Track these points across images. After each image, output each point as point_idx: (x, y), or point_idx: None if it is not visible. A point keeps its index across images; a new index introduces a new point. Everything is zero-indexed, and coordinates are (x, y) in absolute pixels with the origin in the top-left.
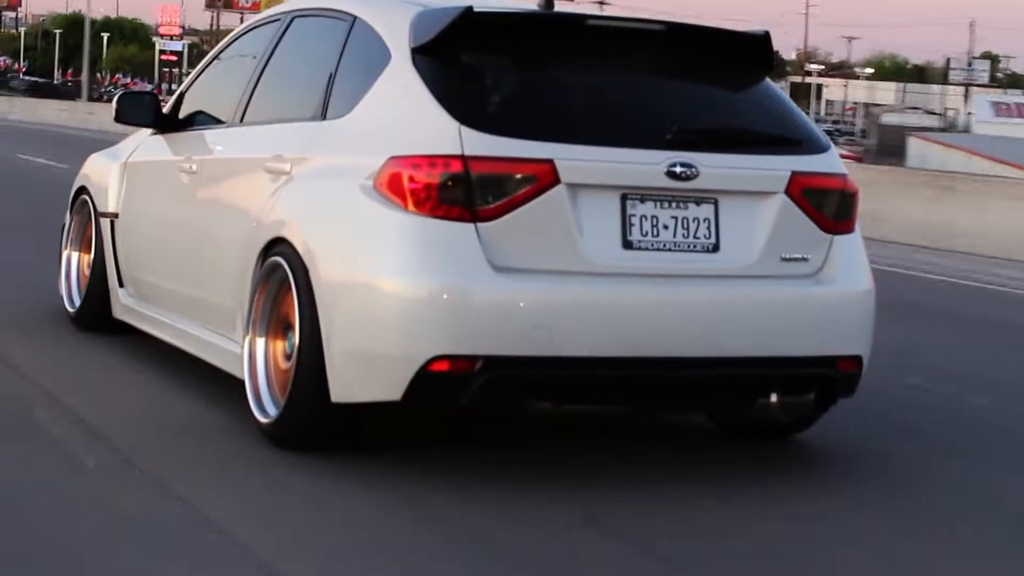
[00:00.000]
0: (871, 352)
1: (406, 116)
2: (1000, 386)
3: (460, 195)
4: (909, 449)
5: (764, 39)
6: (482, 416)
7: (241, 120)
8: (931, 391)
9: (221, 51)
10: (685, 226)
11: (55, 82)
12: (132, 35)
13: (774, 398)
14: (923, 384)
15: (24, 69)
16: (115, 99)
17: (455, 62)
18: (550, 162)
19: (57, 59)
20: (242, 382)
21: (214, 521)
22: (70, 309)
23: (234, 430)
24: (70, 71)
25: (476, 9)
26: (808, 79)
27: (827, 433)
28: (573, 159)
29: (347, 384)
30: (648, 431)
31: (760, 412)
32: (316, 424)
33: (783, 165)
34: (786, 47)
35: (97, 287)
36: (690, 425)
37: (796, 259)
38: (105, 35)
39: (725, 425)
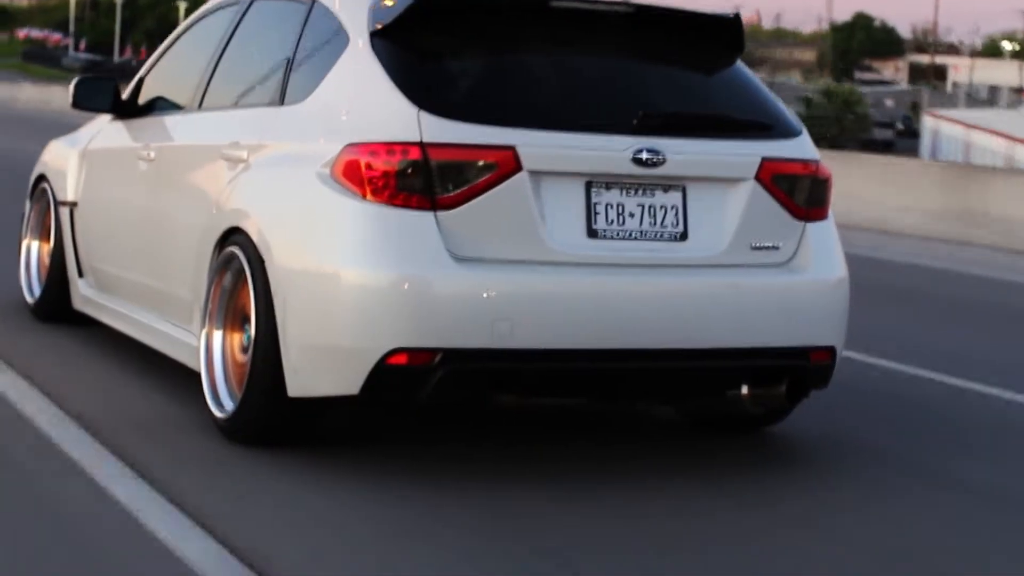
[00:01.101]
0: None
1: (364, 101)
2: None
3: (419, 183)
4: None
5: (734, 21)
6: (453, 411)
7: (199, 106)
8: None
9: (181, 34)
10: (652, 214)
11: (115, 60)
12: None
13: (744, 390)
14: None
15: (85, 46)
16: (72, 84)
17: (415, 46)
18: (512, 148)
19: (118, 33)
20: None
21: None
22: (30, 300)
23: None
24: (128, 47)
25: None
26: (933, 58)
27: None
28: (536, 145)
29: (304, 378)
30: (615, 423)
31: (730, 404)
32: (273, 419)
33: (753, 150)
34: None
35: (56, 278)
36: (658, 417)
37: (767, 247)
38: (183, 4)
39: (694, 418)
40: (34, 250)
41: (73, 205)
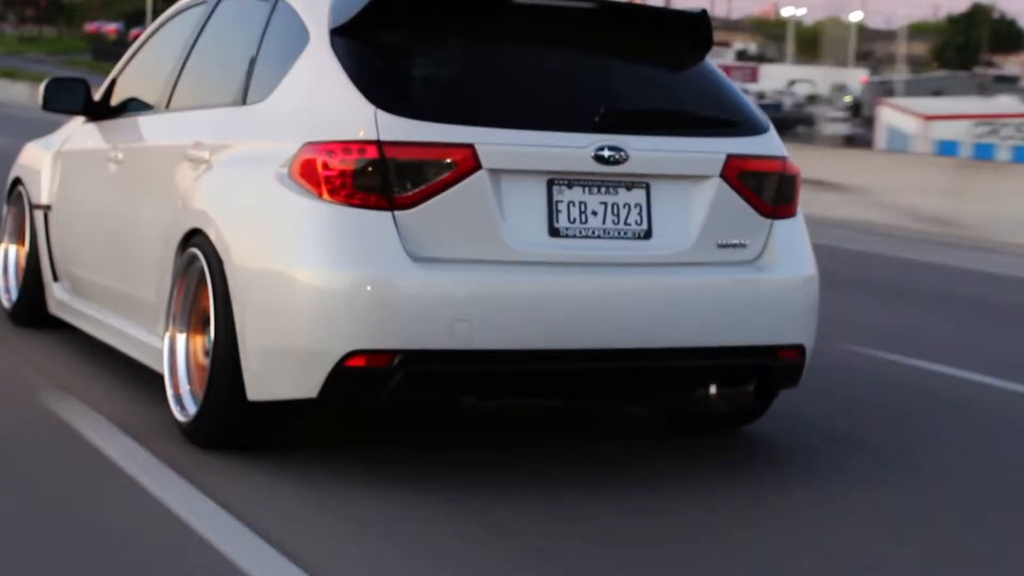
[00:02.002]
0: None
1: (322, 100)
2: None
3: (376, 182)
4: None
5: (701, 17)
6: (421, 413)
7: (167, 106)
8: None
9: (152, 34)
10: (615, 212)
11: None
12: None
13: (712, 389)
14: None
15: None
16: (42, 85)
17: (374, 44)
18: (470, 147)
19: None
20: None
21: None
22: (7, 304)
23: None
24: None
25: None
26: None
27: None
28: (495, 143)
29: (263, 381)
30: (586, 421)
31: (699, 404)
32: (233, 423)
33: (718, 148)
34: None
35: (32, 282)
36: (636, 416)
37: (733, 245)
38: None
39: (668, 417)
40: (11, 254)
41: (47, 208)
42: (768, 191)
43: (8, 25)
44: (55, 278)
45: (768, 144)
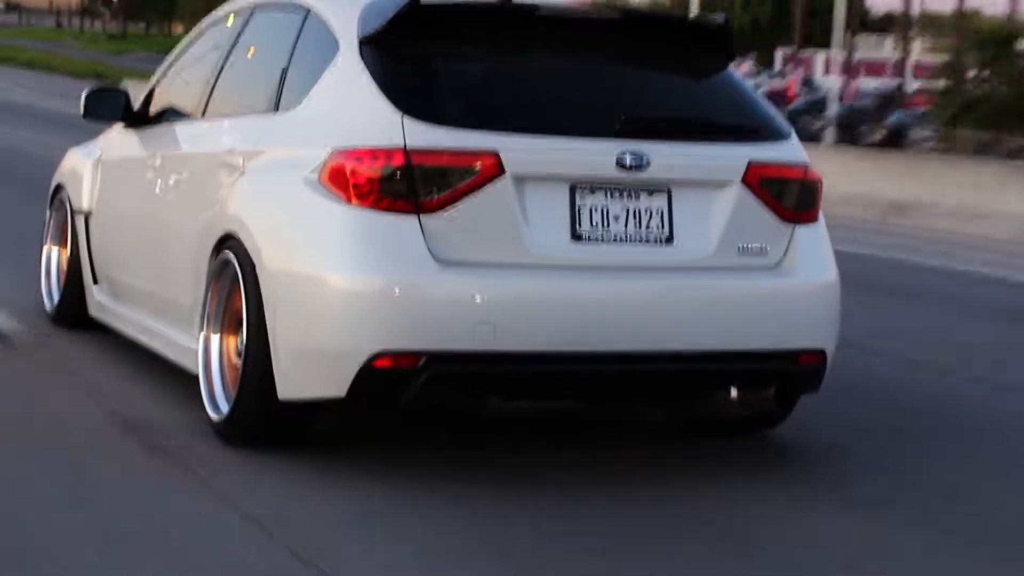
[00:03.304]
0: None
1: (351, 108)
2: None
3: (403, 188)
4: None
5: (723, 27)
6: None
7: (203, 114)
8: None
9: (189, 43)
10: (637, 217)
11: None
12: None
13: (733, 393)
14: None
15: None
16: (83, 95)
17: (401, 53)
18: (494, 153)
19: None
20: None
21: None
22: (49, 307)
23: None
24: None
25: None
26: None
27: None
28: (519, 150)
29: (293, 381)
30: (611, 426)
31: (719, 408)
32: (265, 422)
33: (739, 154)
34: None
35: (74, 285)
36: (649, 421)
37: (754, 250)
38: None
39: (686, 421)
40: (54, 258)
41: (88, 213)
42: (789, 197)
43: (91, 21)
44: (95, 281)
45: (790, 150)
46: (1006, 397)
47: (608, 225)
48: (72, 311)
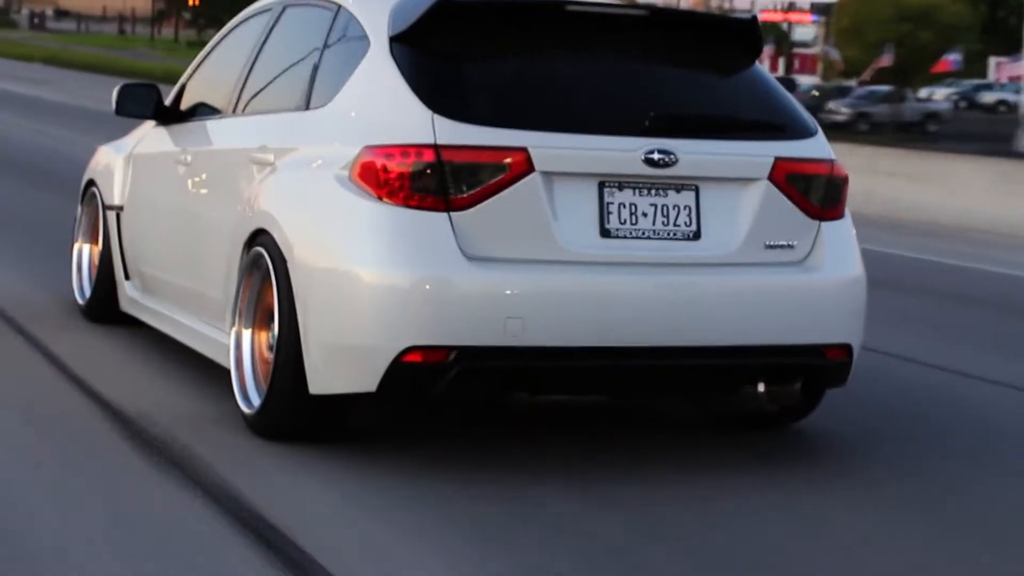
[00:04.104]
0: None
1: (381, 105)
2: None
3: (433, 184)
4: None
5: (751, 24)
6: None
7: (234, 111)
8: None
9: (220, 40)
10: (665, 213)
11: None
12: None
13: (760, 387)
14: None
15: None
16: (115, 91)
17: (431, 50)
18: (524, 150)
19: None
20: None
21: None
22: (80, 301)
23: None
24: None
25: None
26: None
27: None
28: (548, 147)
29: (324, 375)
30: (635, 418)
31: (746, 402)
32: (296, 415)
33: (766, 151)
34: None
35: (105, 280)
36: (681, 414)
37: (781, 246)
38: None
39: (714, 415)
40: (84, 253)
41: (119, 209)
42: (816, 193)
43: (165, 27)
44: (127, 276)
45: (816, 147)
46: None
47: (636, 221)
48: (103, 306)
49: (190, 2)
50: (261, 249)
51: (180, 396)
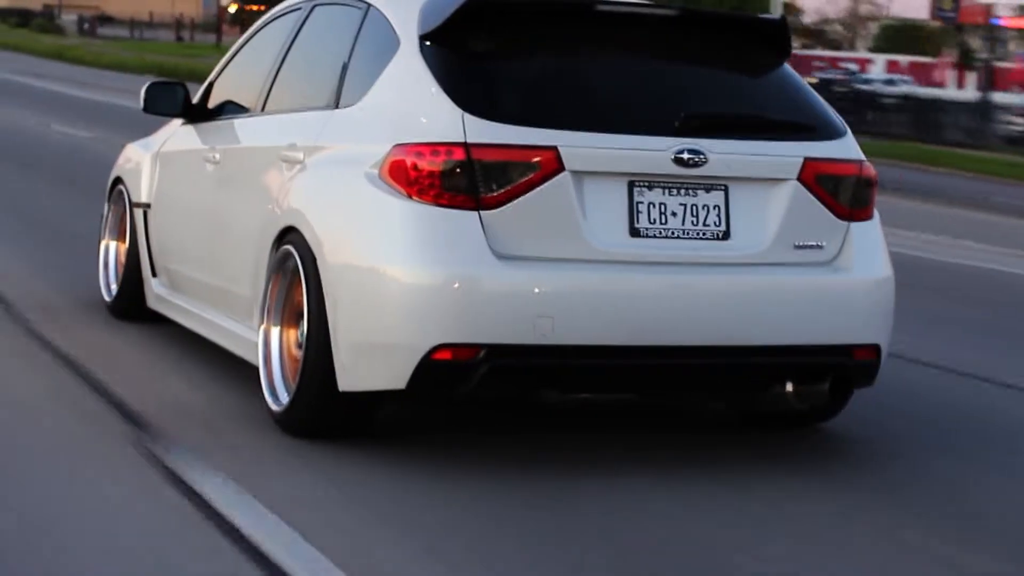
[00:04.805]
0: None
1: (412, 104)
2: None
3: (463, 183)
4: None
5: (780, 23)
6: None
7: (262, 109)
8: None
9: (248, 39)
10: (694, 213)
11: None
12: None
13: (788, 387)
14: None
15: None
16: (143, 89)
17: (462, 49)
18: (554, 149)
19: None
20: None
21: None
22: (107, 298)
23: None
24: None
25: None
26: None
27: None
28: (578, 146)
29: (353, 373)
30: (659, 416)
31: (775, 401)
32: (325, 413)
33: (795, 151)
34: None
35: (132, 277)
36: (706, 412)
37: (810, 246)
38: None
39: (743, 413)
40: (111, 250)
41: (146, 207)
42: (845, 194)
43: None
44: (153, 273)
45: (845, 148)
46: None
47: (666, 221)
48: (130, 303)
49: (255, 7)
50: (290, 247)
51: (198, 391)
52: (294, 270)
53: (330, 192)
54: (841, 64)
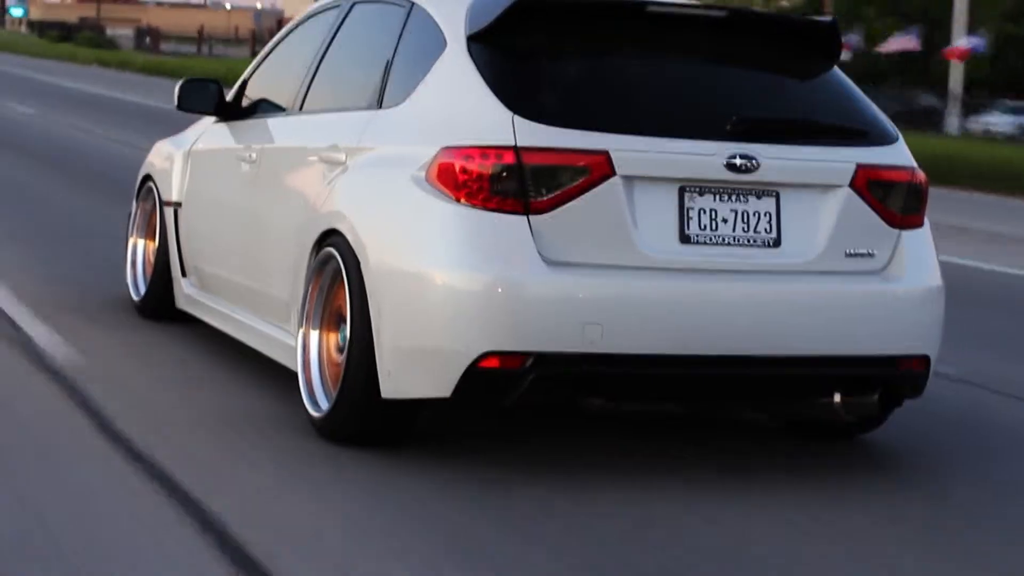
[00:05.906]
0: None
1: (460, 105)
2: None
3: (513, 187)
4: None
5: (831, 27)
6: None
7: (301, 108)
8: None
9: (284, 37)
10: (745, 220)
11: None
12: None
13: (837, 398)
14: None
15: None
16: (177, 86)
17: (510, 50)
18: (605, 153)
19: None
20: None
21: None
22: (135, 298)
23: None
24: None
25: None
26: None
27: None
28: (629, 150)
29: (397, 380)
30: (691, 424)
31: (823, 412)
32: (365, 420)
33: (847, 157)
34: None
35: (161, 277)
36: (752, 422)
37: (861, 255)
38: None
39: (788, 424)
40: (140, 249)
41: (177, 205)
42: (896, 201)
43: None
44: (183, 273)
45: (897, 154)
46: None
47: (717, 227)
48: (158, 302)
49: None
50: (332, 249)
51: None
52: (335, 273)
53: (374, 194)
54: None
